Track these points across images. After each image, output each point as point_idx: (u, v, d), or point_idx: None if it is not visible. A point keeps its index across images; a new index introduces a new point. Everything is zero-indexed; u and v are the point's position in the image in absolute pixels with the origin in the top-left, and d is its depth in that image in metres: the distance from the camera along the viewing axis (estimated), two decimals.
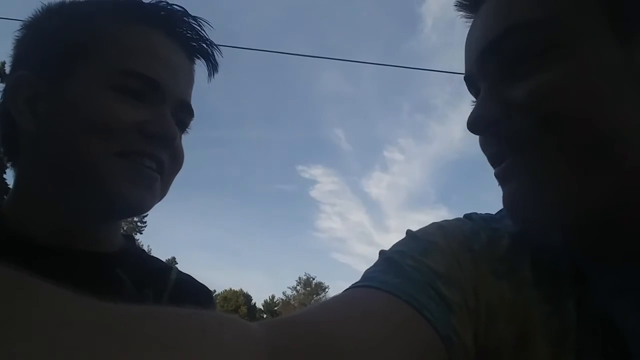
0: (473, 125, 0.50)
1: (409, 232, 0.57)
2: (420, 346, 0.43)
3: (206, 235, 76.75)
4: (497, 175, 0.51)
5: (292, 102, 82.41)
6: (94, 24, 0.70)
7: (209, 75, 0.80)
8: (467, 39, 0.55)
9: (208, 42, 0.78)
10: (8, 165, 0.74)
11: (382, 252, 0.55)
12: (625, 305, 0.47)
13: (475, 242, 0.55)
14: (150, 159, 0.69)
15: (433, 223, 0.59)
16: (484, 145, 0.54)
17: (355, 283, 0.50)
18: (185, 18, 0.75)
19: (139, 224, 39.56)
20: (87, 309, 0.26)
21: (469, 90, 0.57)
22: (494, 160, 0.52)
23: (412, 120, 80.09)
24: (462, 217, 0.62)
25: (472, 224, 0.58)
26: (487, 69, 0.51)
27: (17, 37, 0.74)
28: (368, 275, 0.50)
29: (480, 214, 0.62)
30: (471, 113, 0.50)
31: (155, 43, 0.71)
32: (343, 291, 0.49)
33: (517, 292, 0.51)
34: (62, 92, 0.67)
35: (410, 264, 0.50)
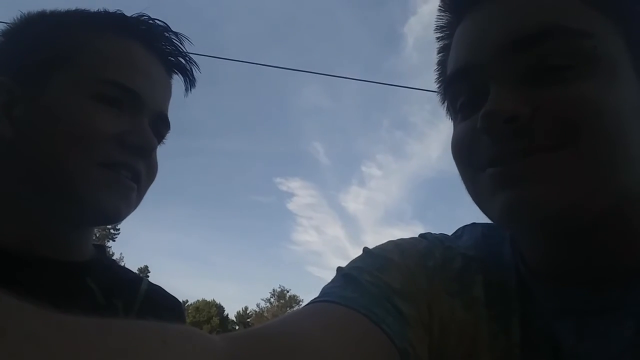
0: (491, 116, 0.46)
1: (365, 249, 0.59)
2: (378, 358, 0.45)
3: (180, 244, 75.46)
4: (509, 174, 0.46)
5: (272, 115, 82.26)
6: (74, 34, 0.71)
7: (186, 90, 0.82)
8: (474, 26, 0.52)
9: (187, 58, 0.79)
10: None
11: (339, 269, 0.56)
12: (564, 326, 0.49)
13: (429, 260, 0.57)
14: (128, 169, 0.69)
15: (389, 241, 0.61)
16: (488, 144, 0.48)
17: (315, 299, 0.51)
18: (165, 33, 0.76)
19: (112, 231, 38.67)
20: (48, 321, 0.26)
21: (455, 84, 0.53)
22: (500, 159, 0.47)
23: (391, 137, 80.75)
24: (417, 236, 0.64)
25: (427, 243, 0.60)
26: (511, 63, 0.47)
27: None
28: (326, 290, 0.51)
29: (435, 234, 0.64)
30: (488, 104, 0.46)
31: (134, 55, 0.72)
32: (303, 306, 0.50)
33: (468, 311, 0.53)
34: (40, 99, 0.67)
35: (367, 279, 0.51)
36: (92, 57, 0.69)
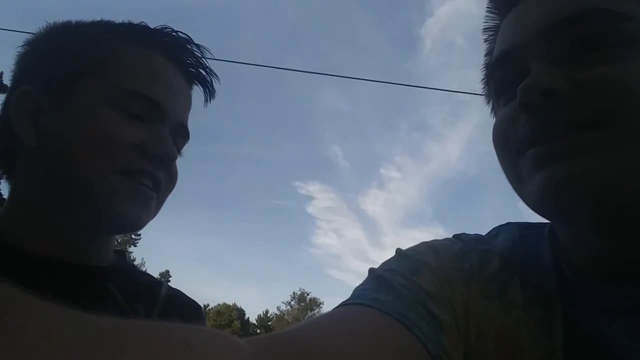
0: (530, 88, 0.45)
1: (398, 250, 0.57)
2: None
3: (201, 249, 76.24)
4: (548, 151, 0.45)
5: (290, 118, 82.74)
6: (99, 45, 0.72)
7: (206, 101, 0.83)
8: (518, 15, 0.52)
9: (207, 70, 0.80)
10: (3, 177, 0.75)
11: (371, 270, 0.54)
12: (614, 326, 0.46)
13: (465, 262, 0.55)
14: (148, 178, 0.70)
15: (423, 242, 0.59)
16: (526, 121, 0.47)
17: (345, 301, 0.49)
18: (188, 45, 0.77)
19: (133, 236, 39.18)
20: (71, 320, 0.26)
21: (498, 69, 0.54)
22: (539, 138, 0.46)
23: (410, 139, 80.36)
24: (451, 237, 0.62)
25: (462, 245, 0.58)
26: (552, 44, 0.47)
27: (20, 52, 0.75)
28: (358, 293, 0.50)
29: (470, 234, 0.62)
30: (528, 79, 0.46)
31: (157, 66, 0.73)
32: (333, 309, 0.49)
33: (507, 314, 0.51)
34: (65, 109, 0.68)
35: (401, 283, 0.49)
36: (116, 68, 0.70)
